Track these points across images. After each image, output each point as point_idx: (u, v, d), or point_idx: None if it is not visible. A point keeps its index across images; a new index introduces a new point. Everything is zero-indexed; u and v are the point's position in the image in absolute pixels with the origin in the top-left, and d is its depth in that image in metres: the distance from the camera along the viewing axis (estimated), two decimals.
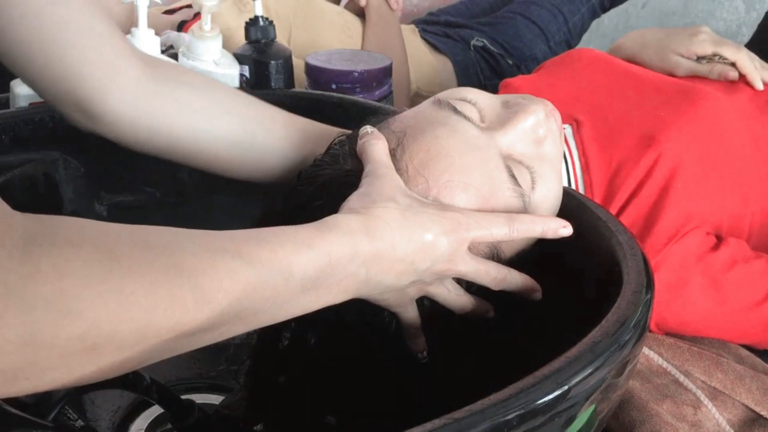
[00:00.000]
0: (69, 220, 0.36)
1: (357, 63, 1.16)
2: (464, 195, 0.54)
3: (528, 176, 0.57)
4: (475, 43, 1.69)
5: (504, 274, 0.56)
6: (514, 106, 0.58)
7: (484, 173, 0.55)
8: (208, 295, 0.38)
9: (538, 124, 0.58)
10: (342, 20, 1.60)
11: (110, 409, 0.66)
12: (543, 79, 0.92)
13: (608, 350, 0.46)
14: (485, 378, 0.48)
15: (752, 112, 0.85)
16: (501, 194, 0.55)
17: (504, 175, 0.55)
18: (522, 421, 0.41)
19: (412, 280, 0.51)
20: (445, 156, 0.54)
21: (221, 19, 1.26)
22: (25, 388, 0.34)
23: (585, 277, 0.59)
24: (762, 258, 0.73)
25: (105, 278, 0.34)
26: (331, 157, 0.58)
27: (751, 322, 0.71)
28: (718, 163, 0.78)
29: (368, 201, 0.49)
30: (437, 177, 0.54)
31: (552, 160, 0.59)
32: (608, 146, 0.77)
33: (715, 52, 0.93)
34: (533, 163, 0.57)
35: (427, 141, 0.55)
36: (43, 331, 0.32)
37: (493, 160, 0.55)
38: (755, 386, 0.66)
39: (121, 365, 0.37)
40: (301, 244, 0.44)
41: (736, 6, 2.33)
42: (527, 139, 0.57)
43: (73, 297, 0.33)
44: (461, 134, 0.56)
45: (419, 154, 0.54)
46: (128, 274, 0.35)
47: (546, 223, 0.55)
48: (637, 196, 0.73)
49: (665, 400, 0.64)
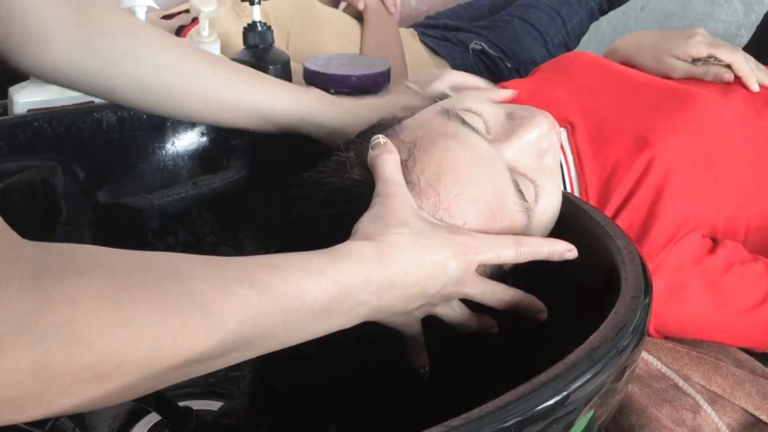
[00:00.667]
0: (79, 249, 0.36)
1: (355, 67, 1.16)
2: (473, 209, 0.54)
3: (532, 189, 0.58)
4: (474, 47, 1.69)
5: (510, 296, 0.56)
6: (519, 119, 0.59)
7: (493, 187, 0.55)
8: (219, 324, 0.38)
9: (541, 137, 0.58)
10: (341, 24, 1.60)
11: (108, 416, 0.66)
12: (538, 83, 0.92)
13: (607, 355, 0.45)
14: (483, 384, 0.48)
15: (748, 114, 0.85)
16: (508, 208, 0.56)
17: (511, 189, 0.56)
18: (521, 428, 0.40)
19: (421, 304, 0.51)
20: (456, 169, 0.54)
21: (219, 24, 1.26)
22: (35, 415, 0.34)
23: (583, 282, 0.59)
24: (759, 260, 0.73)
25: (116, 308, 0.34)
26: (337, 163, 0.58)
27: (749, 325, 0.71)
28: (713, 165, 0.78)
29: (382, 226, 0.49)
30: (448, 190, 0.54)
31: (552, 171, 0.60)
32: (602, 149, 0.77)
33: (710, 54, 0.93)
34: (536, 176, 0.58)
35: (438, 153, 0.55)
36: (55, 360, 0.32)
37: (502, 175, 0.56)
38: (754, 390, 0.66)
39: (129, 391, 0.37)
40: (313, 272, 0.44)
41: (734, 8, 2.33)
42: (531, 151, 0.58)
43: (84, 327, 0.33)
44: (471, 147, 0.56)
45: (431, 167, 0.54)
46: (139, 304, 0.35)
47: (552, 246, 0.55)
48: (632, 199, 0.73)
49: (664, 405, 0.64)
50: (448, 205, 0.54)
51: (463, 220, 0.54)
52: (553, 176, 0.60)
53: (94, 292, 0.34)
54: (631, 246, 0.56)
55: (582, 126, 0.80)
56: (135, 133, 0.90)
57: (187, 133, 0.93)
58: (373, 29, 1.59)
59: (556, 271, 0.63)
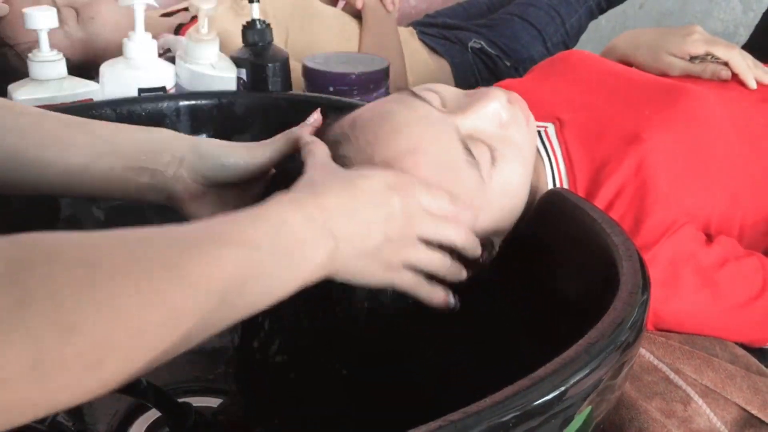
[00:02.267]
0: (46, 238, 0.35)
1: (354, 65, 1.16)
2: (413, 158, 0.55)
3: (488, 153, 0.59)
4: (473, 45, 1.69)
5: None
6: (476, 94, 0.61)
7: (436, 142, 0.56)
8: (194, 285, 0.38)
9: (499, 108, 0.60)
10: (339, 23, 1.60)
11: (107, 413, 0.66)
12: (531, 81, 0.92)
13: (605, 351, 0.45)
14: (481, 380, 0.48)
15: (744, 111, 0.85)
16: (455, 164, 0.56)
17: (458, 145, 0.57)
18: (518, 423, 0.41)
19: (380, 238, 0.51)
20: (396, 125, 0.56)
21: (218, 23, 1.27)
22: (35, 415, 0.33)
23: (581, 278, 0.59)
24: (754, 256, 0.73)
25: (92, 288, 0.34)
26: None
27: (744, 320, 0.71)
28: (706, 160, 0.78)
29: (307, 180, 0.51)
30: (386, 142, 0.56)
31: (518, 144, 0.61)
32: (592, 144, 0.77)
33: (707, 52, 0.93)
34: (494, 142, 0.59)
35: (379, 113, 0.57)
36: (51, 352, 0.32)
37: (448, 133, 0.57)
38: (746, 385, 0.66)
39: (125, 374, 0.36)
40: (258, 218, 0.45)
41: (733, 6, 2.33)
42: (488, 121, 0.60)
43: (69, 312, 0.33)
44: (416, 110, 0.57)
45: (371, 125, 0.56)
46: (112, 280, 0.35)
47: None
48: (623, 193, 0.73)
49: (654, 398, 0.64)
50: (385, 155, 0.55)
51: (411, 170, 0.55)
52: (521, 149, 0.61)
53: (68, 277, 0.33)
54: (629, 242, 0.56)
55: (572, 122, 0.80)
56: None
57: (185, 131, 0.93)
58: (372, 28, 1.59)
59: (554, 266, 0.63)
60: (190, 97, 0.95)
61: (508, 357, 0.62)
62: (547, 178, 0.75)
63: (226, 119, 0.94)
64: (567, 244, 0.64)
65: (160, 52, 1.14)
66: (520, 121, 0.62)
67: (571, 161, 0.76)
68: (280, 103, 0.97)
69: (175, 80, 1.06)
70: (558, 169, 0.76)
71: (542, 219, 0.68)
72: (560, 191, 0.67)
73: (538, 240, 0.68)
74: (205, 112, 0.94)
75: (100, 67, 1.02)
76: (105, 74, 1.01)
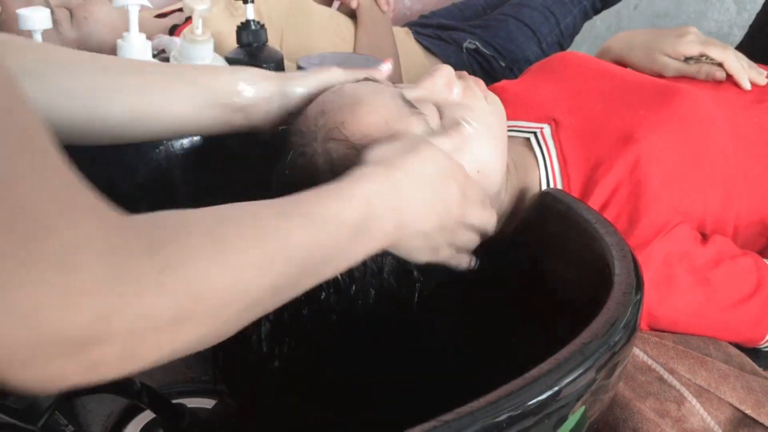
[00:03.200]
0: (174, 215, 0.41)
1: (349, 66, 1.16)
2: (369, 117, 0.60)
3: (435, 110, 0.63)
4: (468, 46, 1.69)
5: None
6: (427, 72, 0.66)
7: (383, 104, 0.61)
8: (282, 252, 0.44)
9: (447, 82, 0.65)
10: (334, 23, 1.60)
11: (102, 414, 0.66)
12: (527, 82, 0.92)
13: (598, 351, 0.46)
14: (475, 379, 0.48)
15: (738, 111, 0.85)
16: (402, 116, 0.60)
17: (401, 102, 0.61)
18: (512, 423, 0.41)
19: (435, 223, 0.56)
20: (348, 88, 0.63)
21: (212, 23, 1.26)
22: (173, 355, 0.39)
23: (575, 278, 0.59)
24: (748, 255, 0.74)
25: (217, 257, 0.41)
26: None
27: (738, 320, 0.72)
28: (700, 160, 0.78)
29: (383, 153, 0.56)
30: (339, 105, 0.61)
31: (471, 108, 0.64)
32: (587, 144, 0.78)
33: (702, 53, 0.93)
34: (442, 105, 0.64)
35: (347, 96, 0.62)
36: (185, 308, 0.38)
37: (393, 96, 0.62)
38: (739, 385, 0.66)
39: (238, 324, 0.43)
40: (343, 194, 0.50)
41: (727, 7, 2.34)
42: (436, 91, 0.64)
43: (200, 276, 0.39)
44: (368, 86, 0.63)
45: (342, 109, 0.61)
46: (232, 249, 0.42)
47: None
48: (617, 193, 0.73)
49: (648, 398, 0.64)
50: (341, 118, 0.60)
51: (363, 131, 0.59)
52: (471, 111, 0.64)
53: (198, 246, 0.40)
54: (623, 242, 0.56)
55: (567, 123, 0.80)
56: None
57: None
58: (367, 28, 1.59)
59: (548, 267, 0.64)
60: None
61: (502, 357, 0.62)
62: (541, 178, 0.76)
63: None
64: (561, 245, 0.64)
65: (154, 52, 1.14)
66: (475, 93, 0.66)
67: (566, 162, 0.77)
68: None
69: None
70: (552, 169, 0.76)
71: (536, 220, 0.68)
72: (554, 192, 0.67)
73: (531, 241, 0.68)
74: None
75: None
76: None
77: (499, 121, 0.67)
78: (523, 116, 0.83)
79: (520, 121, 0.83)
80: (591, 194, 0.74)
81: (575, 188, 0.75)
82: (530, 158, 0.77)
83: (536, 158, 0.77)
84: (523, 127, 0.82)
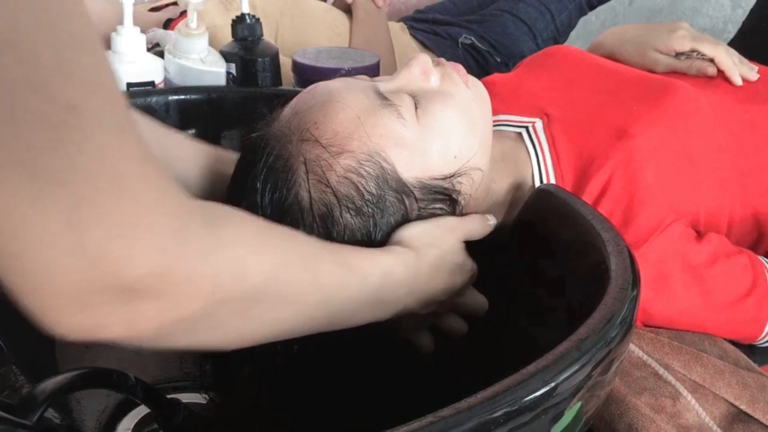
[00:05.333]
0: (225, 208, 0.45)
1: (344, 61, 1.15)
2: (341, 114, 0.60)
3: (409, 99, 0.62)
4: (464, 41, 1.69)
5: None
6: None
7: (356, 99, 0.61)
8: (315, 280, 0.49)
9: (425, 68, 0.65)
10: (330, 17, 1.60)
11: (96, 409, 0.65)
12: (519, 76, 0.92)
13: (595, 347, 0.46)
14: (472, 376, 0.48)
15: (731, 107, 0.85)
16: (371, 108, 0.60)
17: (372, 94, 0.61)
18: (509, 419, 0.41)
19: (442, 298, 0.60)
20: (320, 86, 0.64)
21: (207, 17, 1.26)
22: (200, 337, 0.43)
23: (571, 274, 0.59)
24: (743, 253, 0.74)
25: (262, 248, 0.45)
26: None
27: (734, 317, 0.72)
28: (693, 156, 0.78)
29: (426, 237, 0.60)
30: (311, 105, 0.61)
31: (450, 94, 0.64)
32: (580, 139, 0.77)
33: (693, 48, 0.93)
34: (419, 93, 0.63)
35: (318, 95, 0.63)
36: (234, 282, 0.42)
37: (365, 90, 0.62)
38: (734, 381, 0.66)
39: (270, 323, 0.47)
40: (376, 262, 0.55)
41: (721, 3, 2.34)
42: (413, 80, 0.65)
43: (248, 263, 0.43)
44: (342, 81, 0.64)
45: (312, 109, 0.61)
46: (274, 249, 0.47)
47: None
48: (610, 188, 0.73)
49: (644, 393, 0.64)
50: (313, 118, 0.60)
51: (335, 129, 0.60)
52: (451, 97, 0.64)
53: (247, 236, 0.45)
54: (619, 238, 0.56)
55: (559, 117, 0.80)
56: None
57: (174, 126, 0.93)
58: (362, 23, 1.59)
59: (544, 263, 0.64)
60: (179, 91, 0.94)
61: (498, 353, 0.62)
62: (534, 173, 0.75)
63: (215, 114, 0.94)
64: (556, 241, 0.64)
65: (148, 46, 1.13)
66: (454, 79, 0.66)
67: (558, 157, 0.76)
68: (269, 98, 0.97)
69: (164, 75, 1.06)
70: (545, 164, 0.76)
71: (531, 215, 0.68)
72: (550, 187, 0.67)
73: (527, 236, 0.68)
74: (195, 106, 0.93)
75: None
76: None
77: (480, 107, 0.66)
78: (514, 110, 0.83)
79: (511, 115, 0.83)
80: (584, 189, 0.74)
81: (568, 183, 0.75)
82: (523, 152, 0.77)
83: (528, 153, 0.77)
84: (515, 121, 0.82)
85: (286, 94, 0.96)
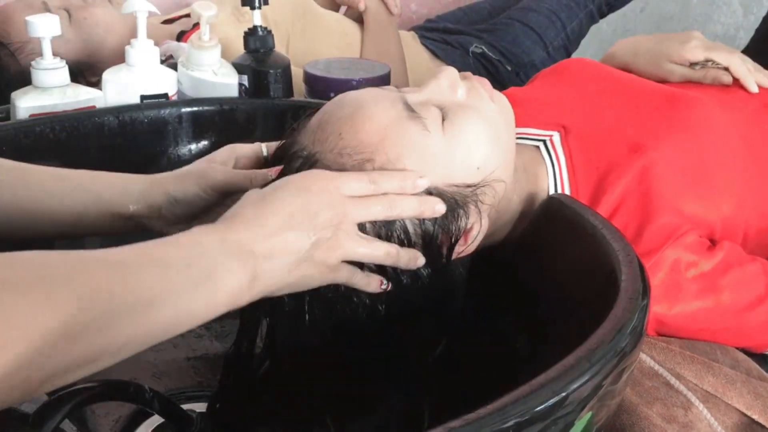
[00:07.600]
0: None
1: (356, 71, 1.16)
2: (365, 124, 0.59)
3: (437, 111, 0.62)
4: (474, 50, 1.70)
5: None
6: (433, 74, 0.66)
7: (382, 109, 0.60)
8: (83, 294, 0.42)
9: (451, 83, 0.65)
10: (341, 27, 1.61)
11: (111, 419, 0.66)
12: (535, 89, 0.92)
13: (605, 357, 0.46)
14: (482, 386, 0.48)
15: (747, 116, 0.85)
16: (397, 120, 0.60)
17: (400, 106, 0.61)
18: (520, 429, 0.41)
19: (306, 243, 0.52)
20: (348, 97, 0.63)
21: (220, 29, 1.27)
22: None
23: (581, 284, 0.59)
24: (756, 261, 0.74)
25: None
26: None
27: (746, 326, 0.71)
28: (709, 168, 0.78)
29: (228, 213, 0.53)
30: (338, 116, 0.61)
31: (477, 108, 0.64)
32: (596, 152, 0.77)
33: (707, 58, 0.93)
34: (446, 105, 0.63)
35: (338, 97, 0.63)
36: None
37: (393, 100, 0.61)
38: (746, 390, 0.66)
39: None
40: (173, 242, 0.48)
41: (734, 10, 2.33)
42: (440, 93, 0.64)
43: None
44: (370, 92, 0.63)
45: (338, 120, 0.61)
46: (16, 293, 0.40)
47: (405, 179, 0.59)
48: (626, 201, 0.73)
49: (655, 403, 0.64)
50: (339, 129, 0.60)
51: (360, 139, 0.59)
52: (477, 111, 0.64)
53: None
54: (629, 248, 0.56)
55: (576, 130, 0.80)
56: (136, 137, 0.91)
57: (187, 137, 0.94)
58: (373, 33, 1.59)
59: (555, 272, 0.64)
60: (192, 103, 0.95)
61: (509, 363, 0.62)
62: (549, 185, 0.76)
63: (227, 125, 0.95)
64: (567, 250, 0.64)
65: (162, 58, 1.15)
66: (480, 93, 0.66)
67: (575, 169, 0.77)
68: (281, 109, 0.97)
69: (177, 87, 1.07)
70: (561, 177, 0.76)
71: (543, 225, 0.68)
72: (560, 197, 0.67)
73: (538, 245, 0.68)
74: (207, 118, 0.94)
75: (103, 74, 1.03)
76: (107, 81, 1.01)
77: (505, 121, 0.67)
78: (531, 123, 0.83)
79: (529, 128, 0.83)
80: (599, 202, 0.74)
81: (584, 196, 0.75)
82: (540, 165, 0.77)
83: (545, 166, 0.77)
84: (533, 134, 0.82)
85: (298, 106, 0.97)
